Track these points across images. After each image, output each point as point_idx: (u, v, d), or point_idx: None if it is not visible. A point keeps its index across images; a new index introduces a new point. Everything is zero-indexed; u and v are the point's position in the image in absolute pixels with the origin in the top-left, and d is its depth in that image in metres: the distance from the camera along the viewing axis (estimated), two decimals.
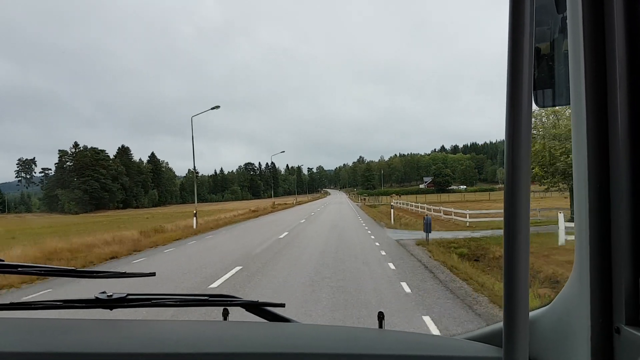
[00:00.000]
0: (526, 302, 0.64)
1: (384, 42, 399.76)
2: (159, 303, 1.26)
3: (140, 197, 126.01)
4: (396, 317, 6.55)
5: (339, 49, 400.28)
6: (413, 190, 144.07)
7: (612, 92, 0.74)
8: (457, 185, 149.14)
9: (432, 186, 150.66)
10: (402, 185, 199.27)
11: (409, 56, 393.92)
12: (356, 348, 1.05)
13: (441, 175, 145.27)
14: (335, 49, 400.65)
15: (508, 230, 0.63)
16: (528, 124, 0.62)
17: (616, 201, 0.74)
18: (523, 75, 0.60)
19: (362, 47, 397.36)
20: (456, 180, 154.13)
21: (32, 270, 1.28)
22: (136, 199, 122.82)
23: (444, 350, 1.05)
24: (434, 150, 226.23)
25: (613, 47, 0.73)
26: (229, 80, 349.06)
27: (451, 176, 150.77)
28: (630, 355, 0.71)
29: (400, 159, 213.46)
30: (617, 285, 0.74)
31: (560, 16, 0.88)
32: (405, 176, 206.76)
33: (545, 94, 0.94)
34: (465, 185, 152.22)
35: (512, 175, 0.62)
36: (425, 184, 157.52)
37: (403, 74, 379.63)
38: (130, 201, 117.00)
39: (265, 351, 1.01)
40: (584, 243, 0.78)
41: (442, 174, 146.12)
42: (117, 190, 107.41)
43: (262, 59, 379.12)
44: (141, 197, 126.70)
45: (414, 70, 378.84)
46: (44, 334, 1.15)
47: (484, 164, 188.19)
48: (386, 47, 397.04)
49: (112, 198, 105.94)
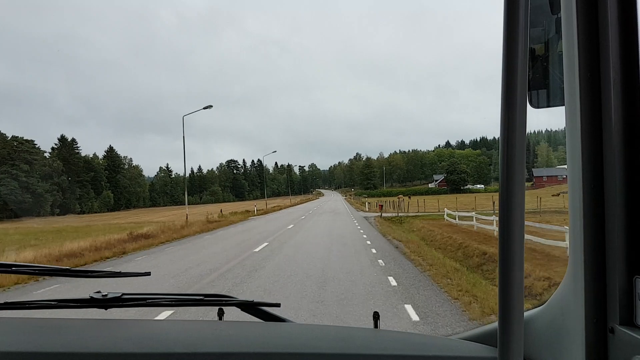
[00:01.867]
0: (521, 302, 0.64)
1: (379, 34, 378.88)
2: (153, 303, 1.25)
3: (87, 201, 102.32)
4: None
5: (332, 41, 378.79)
6: (421, 190, 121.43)
7: (606, 93, 0.74)
8: (473, 184, 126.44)
9: (444, 185, 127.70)
10: (404, 184, 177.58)
11: (406, 48, 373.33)
12: (351, 348, 1.05)
13: (456, 173, 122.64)
14: (329, 41, 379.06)
15: (503, 231, 0.63)
16: (523, 125, 0.62)
17: (610, 202, 0.74)
18: (518, 76, 0.61)
19: (356, 39, 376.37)
20: (472, 179, 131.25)
21: (27, 270, 1.28)
22: (82, 203, 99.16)
23: (439, 350, 1.05)
24: (437, 146, 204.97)
25: (607, 48, 0.74)
26: (216, 74, 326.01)
27: (468, 173, 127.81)
28: (624, 355, 0.71)
29: (402, 156, 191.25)
30: (612, 286, 0.75)
31: (555, 17, 0.88)
32: (408, 174, 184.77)
33: (539, 95, 0.94)
34: (480, 184, 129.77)
35: (507, 176, 0.62)
36: (436, 183, 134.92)
37: (400, 68, 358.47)
38: (72, 205, 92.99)
39: (261, 351, 1.01)
40: (579, 243, 0.78)
41: (456, 171, 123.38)
42: (47, 192, 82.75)
43: (251, 51, 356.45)
44: (89, 201, 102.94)
45: (411, 64, 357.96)
46: (39, 333, 1.14)
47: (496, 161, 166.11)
48: (382, 39, 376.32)
49: (40, 202, 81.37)
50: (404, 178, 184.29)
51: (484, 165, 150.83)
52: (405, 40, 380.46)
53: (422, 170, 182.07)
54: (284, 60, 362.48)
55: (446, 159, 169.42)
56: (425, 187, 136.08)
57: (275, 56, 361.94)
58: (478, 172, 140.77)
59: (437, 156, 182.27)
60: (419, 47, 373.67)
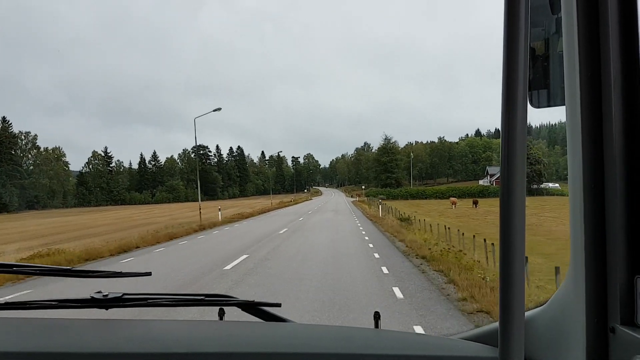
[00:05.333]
0: (522, 302, 0.65)
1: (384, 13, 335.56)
2: (154, 303, 1.25)
3: None
4: None
5: (332, 20, 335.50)
6: (472, 190, 78.24)
7: (606, 93, 0.74)
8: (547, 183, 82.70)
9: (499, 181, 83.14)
10: (424, 182, 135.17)
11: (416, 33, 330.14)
12: (352, 348, 1.05)
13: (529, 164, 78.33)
14: (329, 20, 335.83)
15: (504, 231, 0.64)
16: (523, 125, 0.62)
17: (611, 201, 0.74)
18: (518, 76, 0.61)
19: (360, 19, 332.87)
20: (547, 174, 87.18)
21: (27, 270, 1.29)
22: None
23: (440, 350, 1.05)
24: (466, 135, 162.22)
25: (607, 47, 0.74)
26: (201, 57, 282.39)
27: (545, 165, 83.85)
28: (625, 355, 0.71)
29: (423, 147, 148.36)
30: (612, 285, 0.75)
31: (555, 17, 0.88)
32: (433, 169, 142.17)
33: (540, 95, 0.94)
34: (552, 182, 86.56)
35: (508, 176, 0.62)
36: (492, 179, 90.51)
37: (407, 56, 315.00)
38: None
39: (262, 351, 1.01)
40: (579, 243, 0.78)
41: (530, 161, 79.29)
42: None
43: (243, 30, 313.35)
44: None
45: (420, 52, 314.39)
46: (40, 333, 1.15)
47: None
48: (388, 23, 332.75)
49: None
50: (425, 174, 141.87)
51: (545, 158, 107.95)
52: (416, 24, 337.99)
53: (449, 164, 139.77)
54: (280, 41, 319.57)
55: (481, 150, 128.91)
56: (473, 185, 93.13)
57: (269, 37, 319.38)
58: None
59: (468, 147, 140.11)
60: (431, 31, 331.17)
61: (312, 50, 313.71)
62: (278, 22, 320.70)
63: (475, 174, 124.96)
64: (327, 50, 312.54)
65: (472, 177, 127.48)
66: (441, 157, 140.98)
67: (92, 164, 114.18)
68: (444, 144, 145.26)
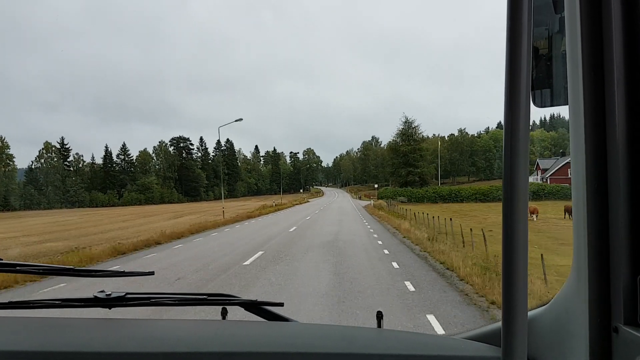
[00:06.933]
0: (525, 301, 0.64)
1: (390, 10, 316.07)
2: (157, 302, 1.25)
3: None
4: None
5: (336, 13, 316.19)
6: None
7: (609, 92, 0.74)
8: None
9: (563, 175, 62.41)
10: (441, 182, 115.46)
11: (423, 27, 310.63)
12: (355, 347, 1.05)
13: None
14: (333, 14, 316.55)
15: (506, 231, 0.63)
16: (526, 124, 0.62)
17: (614, 201, 0.74)
18: (521, 75, 0.60)
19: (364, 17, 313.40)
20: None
21: (31, 269, 1.29)
22: None
23: (443, 349, 1.05)
24: (487, 129, 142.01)
25: (611, 47, 0.74)
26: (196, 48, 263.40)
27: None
28: (628, 355, 0.71)
29: (441, 141, 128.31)
30: (615, 285, 0.75)
31: (558, 16, 0.88)
32: (452, 165, 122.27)
33: (543, 94, 0.94)
34: None
35: (511, 175, 0.62)
36: (546, 175, 69.37)
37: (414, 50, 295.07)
38: None
39: (264, 350, 1.01)
40: (583, 243, 0.78)
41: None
42: None
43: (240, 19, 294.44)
44: None
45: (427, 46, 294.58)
46: (43, 332, 1.15)
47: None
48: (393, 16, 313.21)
49: None
50: (444, 172, 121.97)
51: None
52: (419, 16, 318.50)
53: (471, 160, 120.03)
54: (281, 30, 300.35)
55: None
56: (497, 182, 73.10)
57: (270, 26, 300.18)
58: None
59: (492, 140, 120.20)
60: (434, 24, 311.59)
61: (314, 43, 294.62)
62: (278, 10, 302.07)
63: (501, 172, 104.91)
64: (330, 44, 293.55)
65: (497, 175, 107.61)
66: (462, 152, 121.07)
67: (45, 158, 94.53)
68: (465, 137, 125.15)
